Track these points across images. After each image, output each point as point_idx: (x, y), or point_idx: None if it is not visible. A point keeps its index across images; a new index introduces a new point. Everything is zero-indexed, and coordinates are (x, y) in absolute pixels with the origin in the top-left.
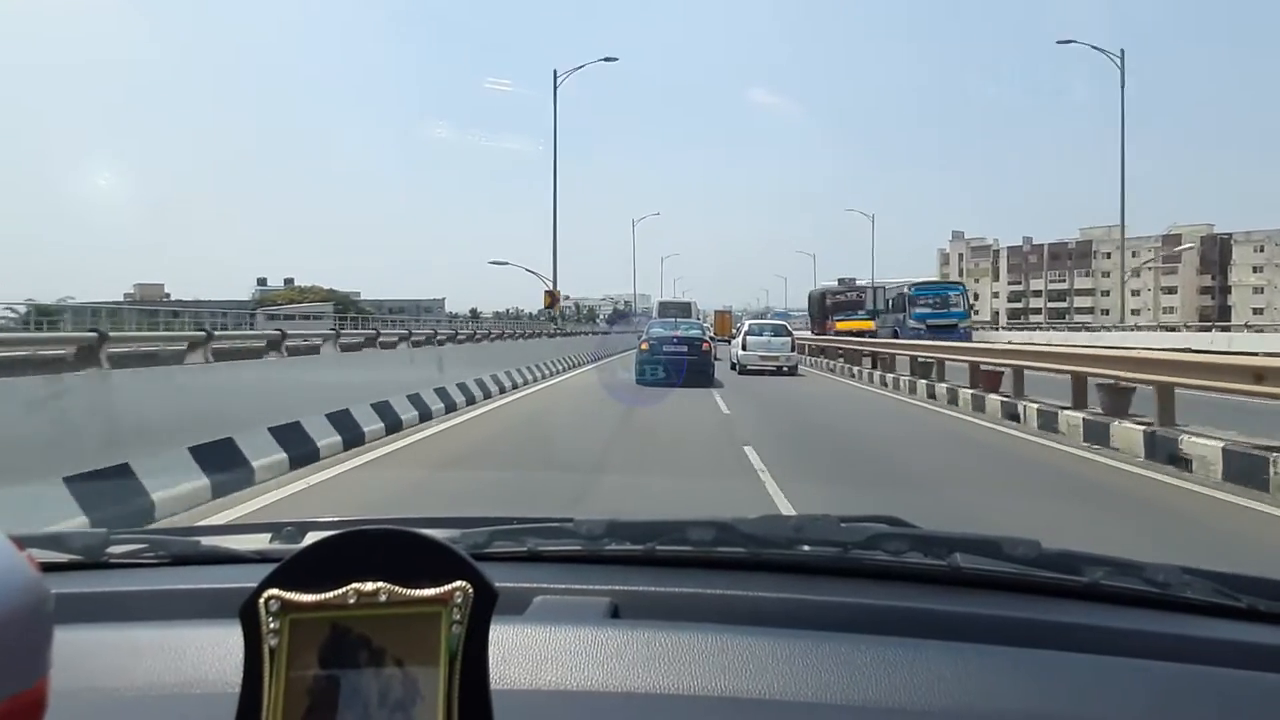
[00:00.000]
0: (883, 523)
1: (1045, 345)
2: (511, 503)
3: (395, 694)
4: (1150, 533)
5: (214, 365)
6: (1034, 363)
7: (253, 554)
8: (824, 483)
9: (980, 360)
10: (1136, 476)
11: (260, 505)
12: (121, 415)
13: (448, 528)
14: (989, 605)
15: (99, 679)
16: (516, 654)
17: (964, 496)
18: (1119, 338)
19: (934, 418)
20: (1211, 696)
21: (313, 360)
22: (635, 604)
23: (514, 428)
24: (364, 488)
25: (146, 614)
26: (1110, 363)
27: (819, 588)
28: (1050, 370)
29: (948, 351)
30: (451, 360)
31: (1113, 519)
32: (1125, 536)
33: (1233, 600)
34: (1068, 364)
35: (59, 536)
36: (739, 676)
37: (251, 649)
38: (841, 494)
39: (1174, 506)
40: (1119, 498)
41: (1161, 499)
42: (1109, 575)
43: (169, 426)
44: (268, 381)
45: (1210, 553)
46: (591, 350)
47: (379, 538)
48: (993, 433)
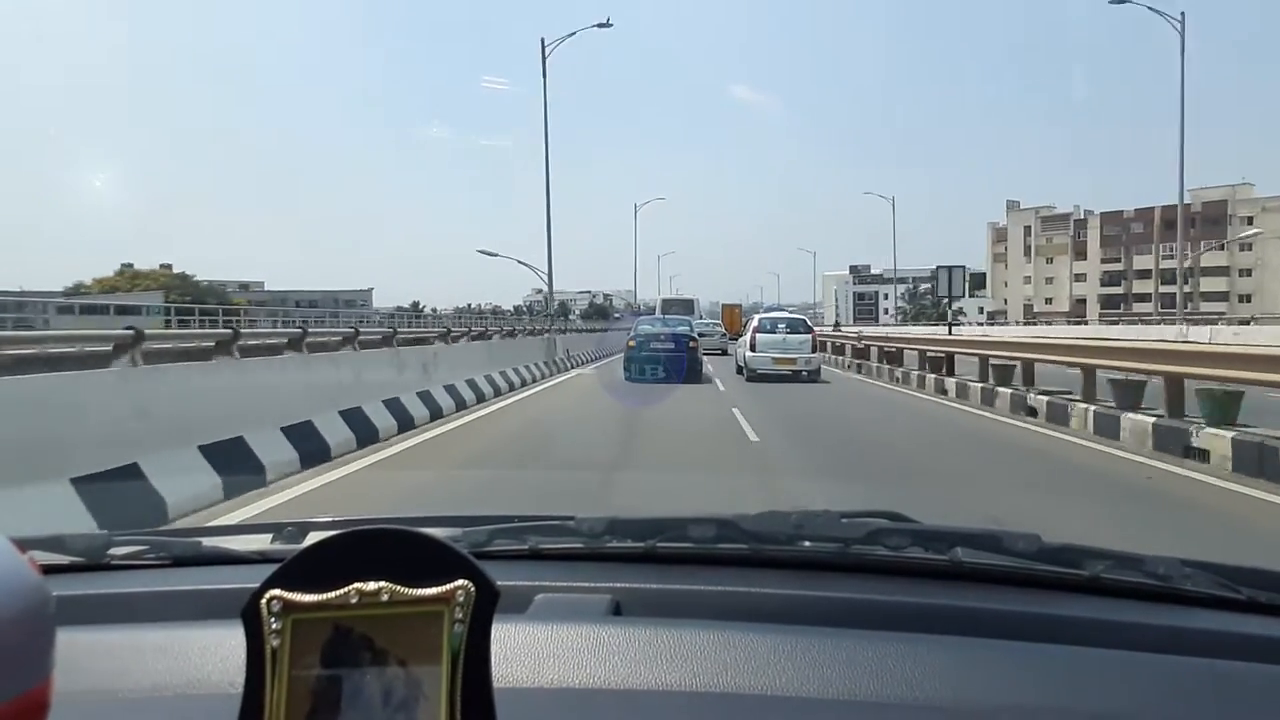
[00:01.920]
0: (883, 518)
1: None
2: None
3: (398, 694)
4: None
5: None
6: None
7: (254, 555)
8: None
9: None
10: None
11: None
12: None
13: (449, 526)
14: (990, 600)
15: (101, 680)
16: (519, 652)
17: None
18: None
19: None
20: (1212, 688)
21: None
22: (637, 601)
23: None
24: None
25: (148, 615)
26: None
27: (820, 583)
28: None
29: (1048, 350)
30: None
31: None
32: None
33: (1233, 592)
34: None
35: (60, 539)
36: (741, 673)
37: (253, 650)
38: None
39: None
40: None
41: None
42: (1110, 569)
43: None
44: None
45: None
46: (589, 349)
47: (380, 537)
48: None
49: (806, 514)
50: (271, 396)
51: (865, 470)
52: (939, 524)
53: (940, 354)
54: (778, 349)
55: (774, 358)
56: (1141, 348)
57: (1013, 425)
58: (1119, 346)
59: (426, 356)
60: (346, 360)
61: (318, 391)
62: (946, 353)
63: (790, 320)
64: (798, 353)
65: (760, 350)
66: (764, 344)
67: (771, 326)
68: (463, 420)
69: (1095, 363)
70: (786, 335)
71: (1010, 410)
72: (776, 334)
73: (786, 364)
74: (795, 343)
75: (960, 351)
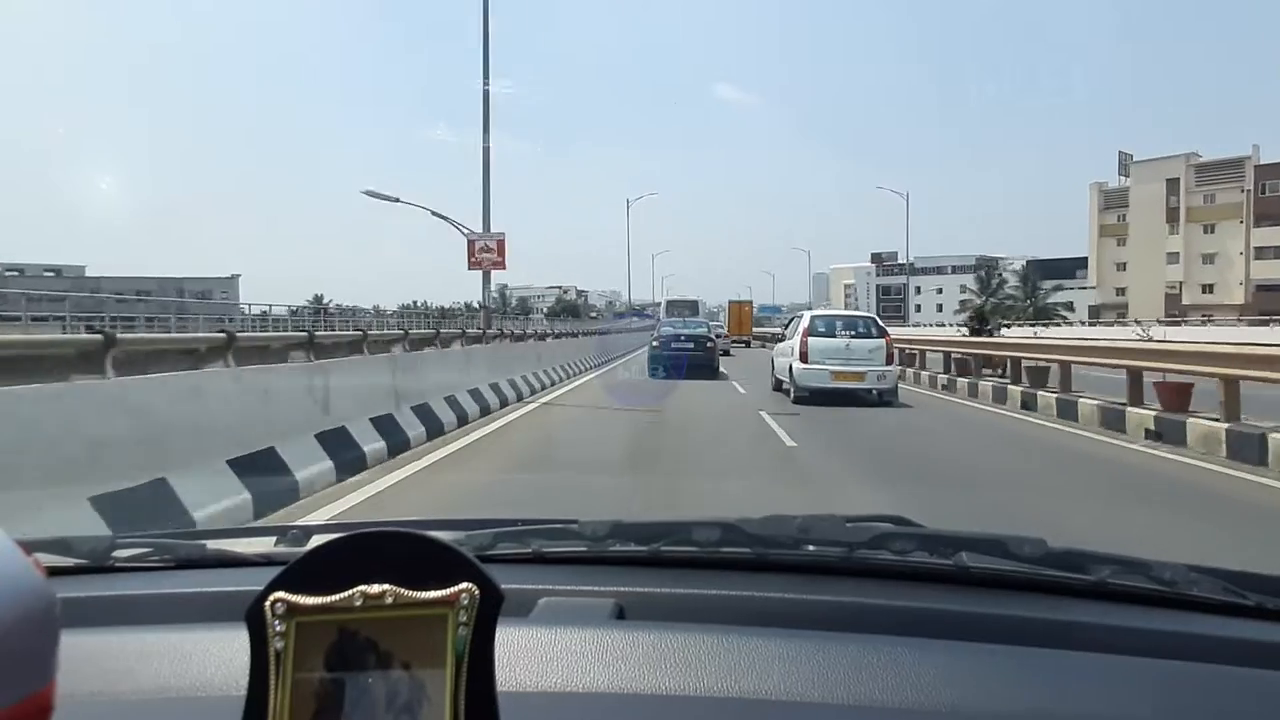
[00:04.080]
0: (888, 522)
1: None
2: None
3: (402, 696)
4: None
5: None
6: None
7: (258, 557)
8: None
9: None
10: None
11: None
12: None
13: (453, 530)
14: (996, 604)
15: (106, 683)
16: (522, 655)
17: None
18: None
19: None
20: (1219, 694)
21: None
22: (640, 605)
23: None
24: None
25: (153, 618)
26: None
27: (825, 588)
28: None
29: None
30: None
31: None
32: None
33: (1240, 598)
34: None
35: (65, 541)
36: (745, 677)
37: (258, 652)
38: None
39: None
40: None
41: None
42: (1116, 573)
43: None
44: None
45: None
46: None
47: (384, 540)
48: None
49: (811, 518)
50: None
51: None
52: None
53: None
54: (839, 358)
55: (833, 370)
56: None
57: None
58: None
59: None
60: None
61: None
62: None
63: (855, 319)
64: (867, 363)
65: (814, 360)
66: (819, 351)
67: (829, 328)
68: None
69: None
70: (850, 339)
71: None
72: (837, 338)
73: (851, 379)
74: (864, 350)
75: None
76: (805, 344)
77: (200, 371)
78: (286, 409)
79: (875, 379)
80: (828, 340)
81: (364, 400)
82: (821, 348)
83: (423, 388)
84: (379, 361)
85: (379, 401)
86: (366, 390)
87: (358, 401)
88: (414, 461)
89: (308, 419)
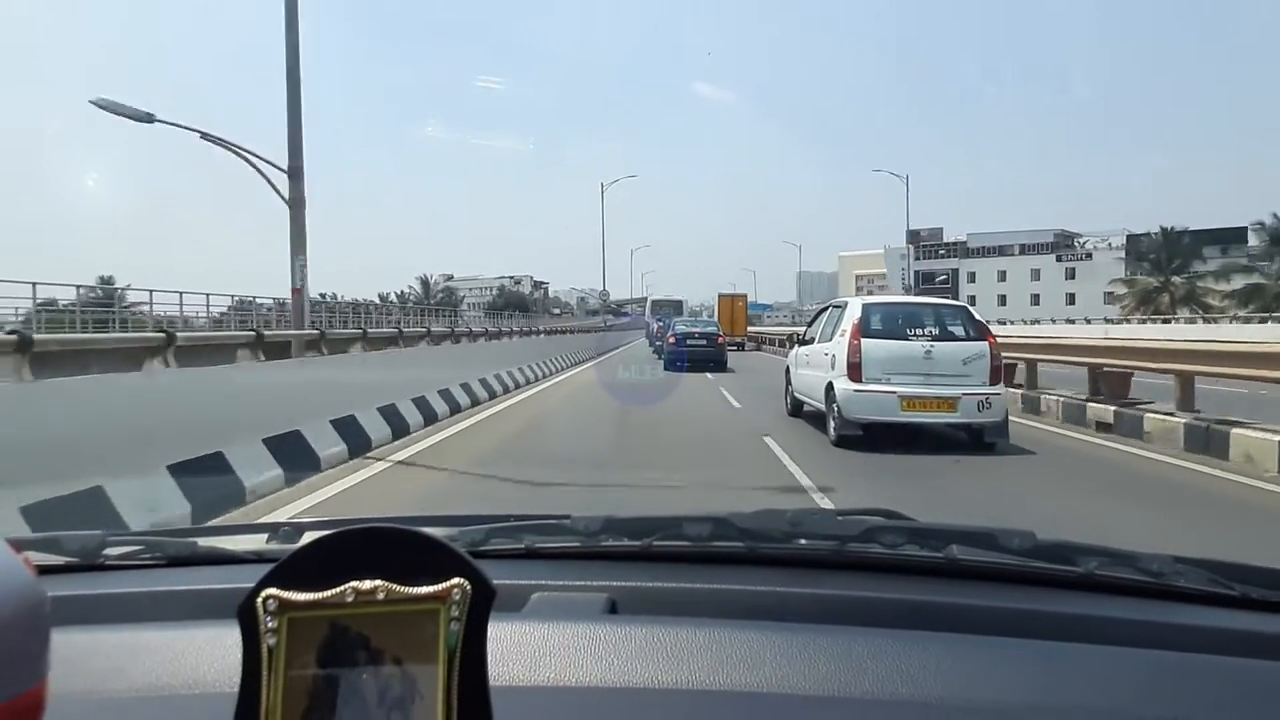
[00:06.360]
0: (879, 516)
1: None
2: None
3: (394, 692)
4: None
5: None
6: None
7: (249, 554)
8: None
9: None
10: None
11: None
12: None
13: (445, 525)
14: (985, 596)
15: (97, 681)
16: (515, 651)
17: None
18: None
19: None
20: (1205, 684)
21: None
22: (632, 599)
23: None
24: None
25: (144, 615)
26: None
27: (816, 581)
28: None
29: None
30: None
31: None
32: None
33: (1225, 589)
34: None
35: (55, 539)
36: (736, 670)
37: (250, 649)
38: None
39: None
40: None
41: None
42: (1103, 565)
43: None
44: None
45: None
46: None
47: (376, 536)
48: None
49: (802, 511)
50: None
51: None
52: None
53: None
54: (914, 375)
55: (905, 395)
56: None
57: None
58: None
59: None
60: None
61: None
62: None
63: (936, 310)
64: (960, 383)
65: (872, 377)
66: (880, 363)
67: (893, 325)
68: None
69: None
70: (932, 343)
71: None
72: (909, 340)
73: (934, 407)
74: (954, 360)
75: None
76: (856, 350)
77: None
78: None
79: (974, 407)
80: (894, 345)
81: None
82: (884, 357)
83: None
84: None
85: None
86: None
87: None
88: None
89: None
